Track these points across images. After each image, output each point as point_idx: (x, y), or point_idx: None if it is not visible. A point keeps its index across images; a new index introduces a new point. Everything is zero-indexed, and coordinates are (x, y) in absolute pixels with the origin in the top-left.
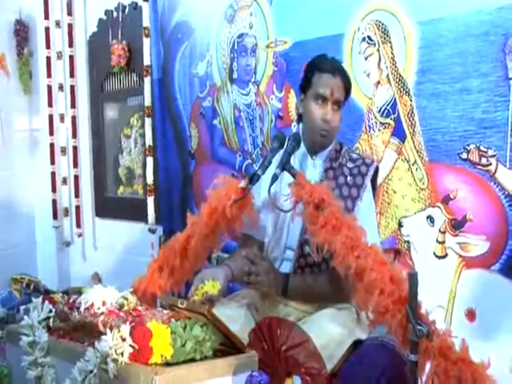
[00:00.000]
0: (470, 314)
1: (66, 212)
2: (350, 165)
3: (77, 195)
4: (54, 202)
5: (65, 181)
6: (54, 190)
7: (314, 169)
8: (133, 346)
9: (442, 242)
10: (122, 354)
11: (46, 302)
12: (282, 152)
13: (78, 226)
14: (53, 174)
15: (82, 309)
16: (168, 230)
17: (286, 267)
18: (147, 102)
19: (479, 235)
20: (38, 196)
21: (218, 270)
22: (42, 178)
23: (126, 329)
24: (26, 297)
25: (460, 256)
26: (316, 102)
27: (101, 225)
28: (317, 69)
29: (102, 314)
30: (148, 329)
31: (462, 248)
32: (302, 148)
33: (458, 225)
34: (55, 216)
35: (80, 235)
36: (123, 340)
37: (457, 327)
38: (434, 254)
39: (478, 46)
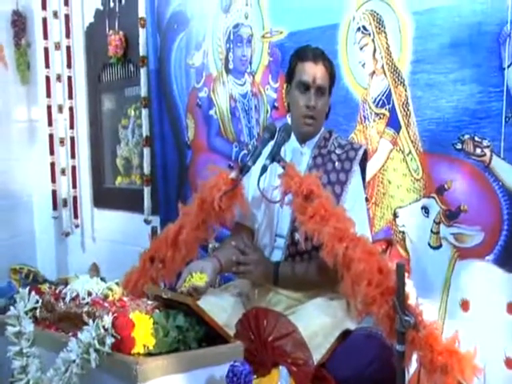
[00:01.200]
0: (465, 304)
1: (65, 202)
2: (338, 151)
3: (75, 186)
4: (54, 192)
5: (63, 171)
6: (53, 180)
7: (302, 156)
8: (115, 336)
9: (437, 233)
10: (105, 343)
11: (33, 293)
12: (272, 143)
13: (76, 216)
14: (52, 165)
15: (67, 299)
16: (165, 220)
17: (276, 255)
18: (144, 92)
19: (473, 226)
20: (37, 186)
21: (207, 263)
22: (42, 169)
23: (108, 319)
24: (25, 287)
25: (454, 247)
26: (299, 90)
27: (99, 215)
28: (299, 58)
29: (87, 304)
30: (130, 319)
31: (457, 238)
32: (293, 138)
33: (452, 215)
34: (55, 206)
35: (78, 226)
36: (105, 330)
37: (451, 317)
38: (429, 244)
39: (472, 36)
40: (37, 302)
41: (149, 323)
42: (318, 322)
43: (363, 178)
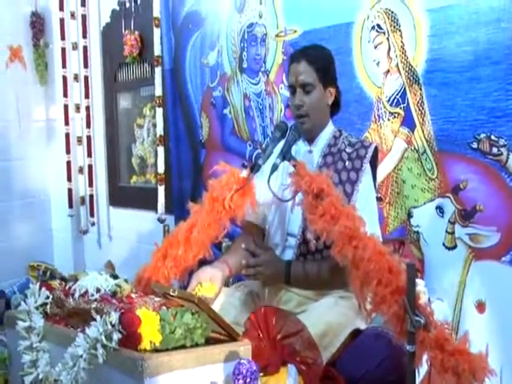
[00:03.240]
0: (480, 306)
1: (82, 201)
2: (348, 150)
3: (91, 184)
4: (70, 191)
5: (80, 170)
6: (69, 179)
7: (311, 155)
8: (121, 332)
9: (452, 233)
10: (112, 339)
11: (43, 289)
12: (283, 142)
13: (93, 214)
14: (68, 164)
15: (76, 295)
16: (179, 219)
17: (288, 254)
18: (158, 91)
19: (489, 226)
20: (54, 185)
21: (216, 271)
22: (58, 168)
23: (115, 315)
24: None
25: (470, 247)
26: (290, 93)
27: (115, 214)
28: (289, 62)
29: (96, 300)
30: (137, 315)
31: (472, 239)
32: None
33: (467, 215)
34: (71, 205)
35: (94, 224)
36: (112, 326)
37: (467, 319)
38: (444, 244)
39: (489, 34)
40: (47, 297)
41: (155, 320)
42: (327, 321)
43: (374, 176)
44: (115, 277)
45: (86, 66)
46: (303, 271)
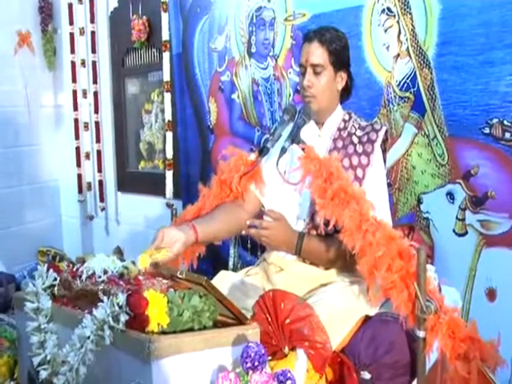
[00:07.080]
0: (491, 294)
1: (90, 186)
2: (359, 133)
3: (99, 170)
4: (79, 176)
5: (88, 156)
6: (78, 164)
7: (321, 139)
8: (129, 314)
9: (462, 220)
10: (119, 321)
11: (51, 271)
12: (292, 125)
13: (101, 200)
14: (77, 149)
15: (83, 277)
16: (187, 204)
17: None
18: (166, 77)
19: (501, 213)
20: (63, 171)
21: (181, 236)
22: (67, 153)
23: (122, 297)
24: None
25: (481, 234)
26: (300, 72)
27: (123, 199)
28: (303, 41)
29: (103, 282)
30: (144, 297)
31: (483, 226)
32: (311, 120)
33: (479, 202)
34: (80, 190)
35: (103, 209)
36: (120, 307)
37: (477, 306)
38: (454, 231)
39: (503, 16)
40: (55, 279)
41: (163, 302)
42: (337, 307)
43: (384, 159)
44: (122, 261)
45: (93, 51)
46: (316, 245)
